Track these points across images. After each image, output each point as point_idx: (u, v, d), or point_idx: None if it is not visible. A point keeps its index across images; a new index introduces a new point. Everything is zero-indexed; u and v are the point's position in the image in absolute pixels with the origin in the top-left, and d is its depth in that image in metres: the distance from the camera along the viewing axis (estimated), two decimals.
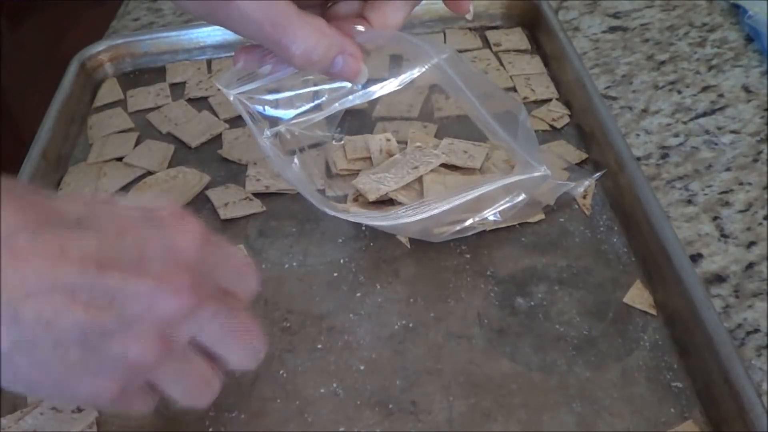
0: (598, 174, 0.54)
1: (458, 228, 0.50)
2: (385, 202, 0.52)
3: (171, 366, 0.32)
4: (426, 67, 0.46)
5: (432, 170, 0.52)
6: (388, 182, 0.52)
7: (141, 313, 0.30)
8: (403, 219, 0.47)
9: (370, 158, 0.56)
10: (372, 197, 0.51)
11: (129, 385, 0.32)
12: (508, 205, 0.49)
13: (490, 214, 0.49)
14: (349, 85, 0.46)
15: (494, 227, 0.51)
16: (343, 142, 0.57)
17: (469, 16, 0.46)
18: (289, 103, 0.49)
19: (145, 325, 0.30)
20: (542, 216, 0.52)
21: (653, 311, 0.46)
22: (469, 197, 0.47)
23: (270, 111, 0.47)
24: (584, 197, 0.53)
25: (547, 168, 0.48)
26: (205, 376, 0.34)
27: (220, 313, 0.33)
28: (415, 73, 0.46)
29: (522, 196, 0.49)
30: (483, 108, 0.47)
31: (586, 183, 0.54)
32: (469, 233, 0.50)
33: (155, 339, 0.30)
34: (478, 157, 0.54)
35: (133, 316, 0.30)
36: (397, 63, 0.49)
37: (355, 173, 0.54)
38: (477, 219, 0.49)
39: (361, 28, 0.42)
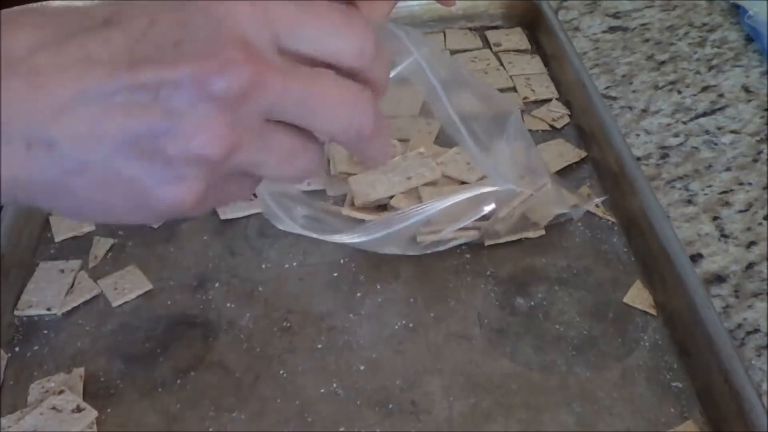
0: (597, 200, 0.53)
1: (436, 239, 0.50)
2: (380, 208, 0.52)
3: (250, 148, 0.28)
4: (405, 63, 0.45)
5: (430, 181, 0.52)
6: (379, 188, 0.51)
7: (190, 100, 0.26)
8: (361, 237, 0.48)
9: None
10: (359, 201, 0.51)
11: (211, 181, 0.28)
12: (478, 215, 0.49)
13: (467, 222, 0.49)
14: None
15: (492, 242, 0.51)
16: None
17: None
18: None
19: (201, 113, 0.26)
20: (542, 232, 0.51)
21: (653, 311, 0.46)
22: (434, 209, 0.47)
23: None
24: (597, 207, 0.53)
25: (518, 183, 0.47)
26: (296, 145, 0.29)
27: (298, 80, 0.28)
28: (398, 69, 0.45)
29: (492, 206, 0.48)
30: (454, 109, 0.45)
31: (581, 211, 0.52)
32: (451, 244, 0.50)
33: (217, 125, 0.27)
34: (480, 171, 0.52)
35: (182, 106, 0.26)
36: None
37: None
38: (449, 230, 0.49)
39: None
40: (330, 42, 0.29)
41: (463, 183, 0.53)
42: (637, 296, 0.47)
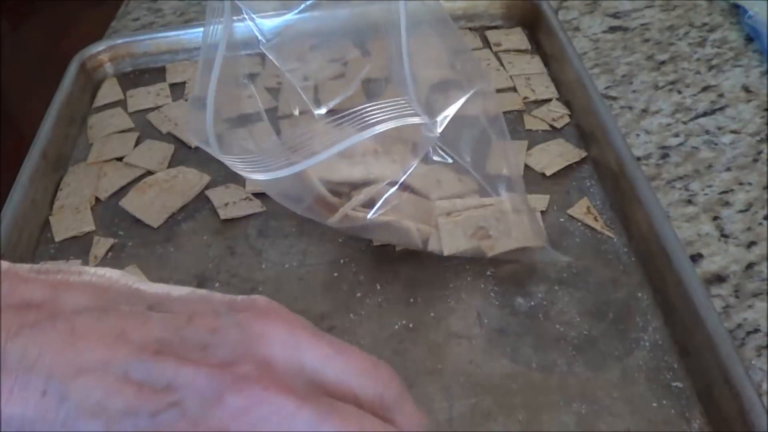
0: (564, 258, 0.50)
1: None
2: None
3: None
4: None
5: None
6: (337, 172, 0.48)
7: (196, 401, 0.27)
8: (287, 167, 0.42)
9: None
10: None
11: None
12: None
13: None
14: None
15: (491, 255, 0.50)
16: None
17: None
18: None
19: (203, 414, 0.27)
20: (542, 244, 0.49)
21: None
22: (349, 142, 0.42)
23: None
24: (595, 220, 0.52)
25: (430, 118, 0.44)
26: None
27: (316, 406, 0.27)
28: None
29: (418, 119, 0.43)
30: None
31: (547, 256, 0.49)
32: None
33: None
34: (447, 188, 0.49)
35: (188, 404, 0.27)
36: None
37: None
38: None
39: None
40: (353, 380, 0.30)
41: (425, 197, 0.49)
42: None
